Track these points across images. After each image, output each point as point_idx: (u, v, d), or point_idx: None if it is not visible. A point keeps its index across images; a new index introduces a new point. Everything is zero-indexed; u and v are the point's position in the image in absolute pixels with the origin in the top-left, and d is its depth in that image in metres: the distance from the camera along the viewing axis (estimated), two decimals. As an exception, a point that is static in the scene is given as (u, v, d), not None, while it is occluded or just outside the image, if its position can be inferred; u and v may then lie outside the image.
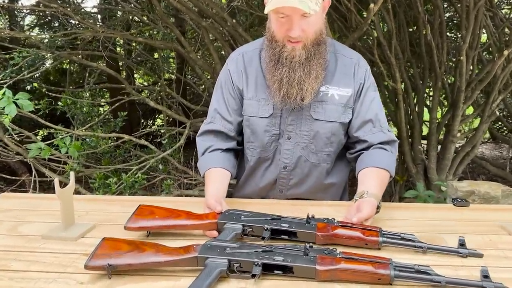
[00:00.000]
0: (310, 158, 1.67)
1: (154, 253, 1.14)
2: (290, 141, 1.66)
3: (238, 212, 1.37)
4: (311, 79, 1.52)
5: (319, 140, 1.65)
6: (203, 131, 1.75)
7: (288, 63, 1.51)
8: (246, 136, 1.73)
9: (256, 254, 1.12)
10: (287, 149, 1.67)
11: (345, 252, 1.15)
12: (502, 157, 6.94)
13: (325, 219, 1.35)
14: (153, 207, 1.39)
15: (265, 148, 1.68)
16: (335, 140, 1.67)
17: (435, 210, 1.65)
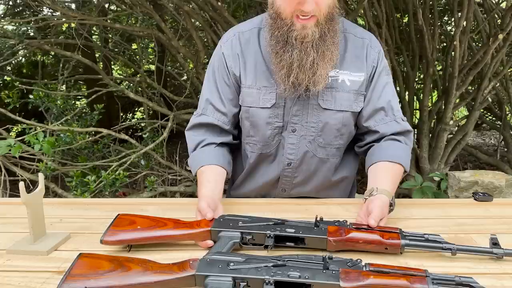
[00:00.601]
0: (317, 153, 1.49)
1: (141, 271, 0.95)
2: (295, 134, 1.46)
3: (235, 217, 1.19)
4: (325, 62, 1.33)
5: (328, 133, 1.46)
6: (194, 124, 1.54)
7: (298, 44, 1.31)
8: (245, 130, 1.53)
9: (266, 270, 0.94)
10: (291, 144, 1.47)
11: (373, 264, 0.98)
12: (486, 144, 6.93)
13: (336, 221, 1.18)
14: (134, 216, 1.20)
15: (267, 142, 1.48)
16: (346, 131, 1.48)
17: (456, 206, 1.49)
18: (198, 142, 1.51)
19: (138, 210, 1.45)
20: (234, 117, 1.52)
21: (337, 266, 0.96)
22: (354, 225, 1.16)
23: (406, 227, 1.26)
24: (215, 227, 1.15)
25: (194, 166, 1.49)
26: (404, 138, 1.48)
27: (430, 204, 1.50)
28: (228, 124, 1.52)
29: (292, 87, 1.37)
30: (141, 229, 1.14)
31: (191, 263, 0.97)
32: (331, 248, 1.13)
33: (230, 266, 0.96)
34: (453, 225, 1.33)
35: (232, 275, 0.94)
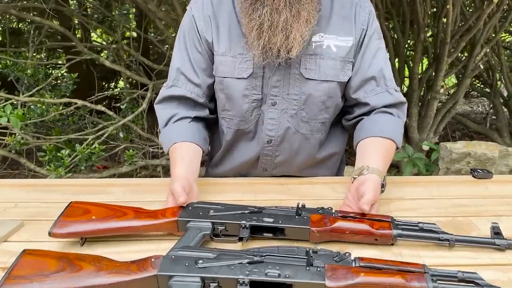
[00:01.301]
0: (300, 129, 1.34)
1: (94, 272, 0.82)
2: (275, 108, 1.31)
3: (206, 205, 1.05)
4: (300, 23, 1.16)
5: (311, 106, 1.31)
6: (164, 97, 1.38)
7: (270, 2, 1.15)
8: (220, 103, 1.37)
9: (240, 268, 0.82)
10: (271, 119, 1.32)
11: (363, 258, 0.86)
12: (474, 111, 6.84)
13: (320, 208, 1.05)
14: (89, 204, 1.05)
15: (244, 118, 1.34)
16: (332, 104, 1.33)
17: (453, 184, 1.36)
18: (169, 117, 1.35)
19: (103, 193, 1.32)
20: (209, 88, 1.36)
21: (323, 262, 0.84)
22: (340, 212, 1.04)
23: (398, 210, 1.15)
24: (182, 217, 1.01)
25: (166, 143, 1.33)
26: (397, 111, 1.33)
27: (424, 182, 1.38)
28: (202, 97, 1.36)
29: (262, 53, 1.20)
30: (96, 219, 1.00)
31: (153, 261, 0.83)
32: (314, 239, 1.00)
33: (199, 264, 0.83)
34: (450, 207, 1.21)
35: (201, 274, 0.81)
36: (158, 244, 1.03)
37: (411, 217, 1.13)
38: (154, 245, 1.03)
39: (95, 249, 1.01)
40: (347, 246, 1.01)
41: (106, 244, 1.03)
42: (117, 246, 1.02)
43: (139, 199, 1.27)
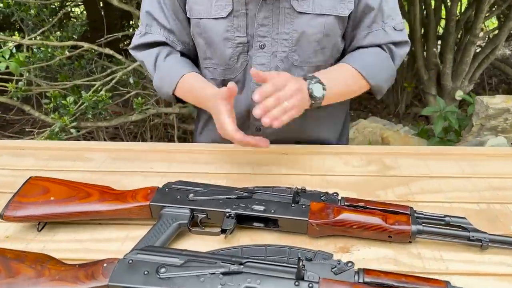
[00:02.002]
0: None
1: (33, 278, 0.67)
2: (264, 51, 1.10)
3: (186, 186, 0.88)
4: None
5: (305, 46, 1.09)
6: (137, 45, 1.20)
7: None
8: (201, 51, 1.17)
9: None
10: (261, 65, 1.11)
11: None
12: (514, 55, 6.33)
13: (323, 194, 0.86)
14: (49, 181, 0.89)
15: (229, 66, 1.14)
16: (329, 44, 1.11)
17: (490, 159, 1.13)
18: (155, 56, 1.17)
19: (81, 158, 1.16)
20: (185, 35, 1.17)
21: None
22: (348, 200, 0.84)
23: (420, 192, 0.97)
24: (156, 201, 0.84)
25: (167, 84, 1.15)
26: (393, 48, 1.14)
27: (456, 154, 1.16)
28: (179, 44, 1.18)
29: None
30: (55, 201, 0.84)
31: (105, 266, 0.68)
32: (314, 233, 0.82)
33: (160, 273, 0.66)
34: (486, 189, 1.00)
35: (161, 287, 0.65)
36: (128, 231, 0.87)
37: (436, 202, 0.94)
38: (124, 232, 0.87)
39: (55, 235, 0.86)
40: (353, 242, 0.82)
41: (68, 229, 0.88)
42: (80, 232, 0.87)
43: (119, 168, 1.11)
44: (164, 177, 1.05)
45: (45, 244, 0.84)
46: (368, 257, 0.79)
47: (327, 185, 1.02)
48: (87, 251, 0.82)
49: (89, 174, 1.09)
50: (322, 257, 0.72)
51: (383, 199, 0.96)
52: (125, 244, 0.83)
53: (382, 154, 1.15)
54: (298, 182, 1.02)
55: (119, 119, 3.08)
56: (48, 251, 0.81)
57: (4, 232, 0.87)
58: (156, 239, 0.79)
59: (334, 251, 0.80)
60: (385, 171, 1.07)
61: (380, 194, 0.98)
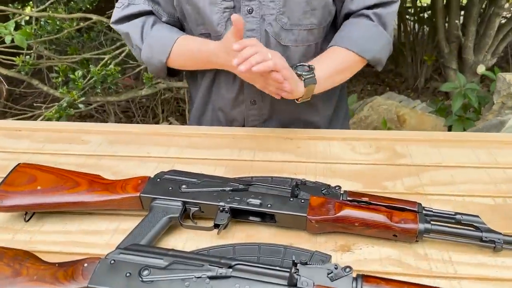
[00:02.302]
0: (282, 39, 1.06)
1: (10, 278, 0.63)
2: (252, 16, 1.04)
3: (179, 177, 0.83)
4: None
5: (294, 7, 1.03)
6: (120, 18, 1.13)
7: None
8: (191, 19, 1.10)
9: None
10: (251, 30, 1.05)
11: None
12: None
13: (325, 187, 0.80)
14: (37, 169, 0.85)
15: (218, 33, 1.07)
16: (318, 4, 1.04)
17: (508, 146, 1.05)
18: (141, 25, 1.11)
19: (77, 141, 1.13)
20: (170, 6, 1.11)
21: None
22: (351, 195, 0.78)
23: (431, 184, 0.91)
24: (146, 193, 0.80)
25: (159, 51, 1.09)
26: (380, 13, 1.07)
27: (471, 141, 1.08)
28: (164, 15, 1.12)
29: None
30: (42, 190, 0.80)
31: (85, 267, 0.63)
32: (313, 230, 0.77)
33: (143, 276, 0.62)
34: (503, 181, 0.92)
35: (145, 292, 0.61)
36: (118, 223, 0.83)
37: (447, 195, 0.88)
38: (114, 223, 0.83)
39: (42, 226, 0.82)
40: (355, 240, 0.77)
41: (57, 219, 0.84)
42: (69, 222, 0.83)
43: (115, 153, 1.07)
44: (160, 163, 1.01)
45: (31, 236, 0.80)
46: (371, 257, 0.73)
47: (331, 174, 0.96)
48: (74, 244, 0.78)
49: (84, 158, 1.05)
50: (319, 258, 0.67)
51: (390, 191, 0.90)
52: (114, 237, 0.79)
53: (393, 140, 1.08)
54: (301, 170, 0.97)
55: (128, 93, 3.04)
56: (35, 243, 0.78)
57: (-9, 222, 0.84)
58: (145, 234, 0.74)
59: (334, 249, 0.75)
60: (394, 159, 1.01)
61: (388, 186, 0.91)
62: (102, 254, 0.75)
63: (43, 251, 0.76)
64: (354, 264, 0.72)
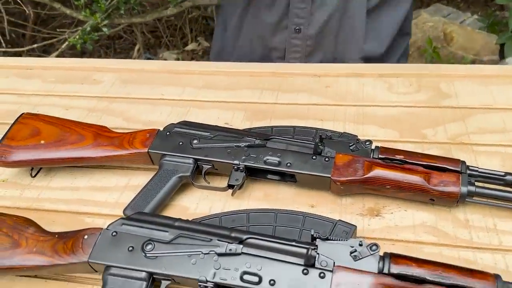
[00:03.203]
0: None
1: (9, 249, 0.59)
2: None
3: (190, 129, 0.74)
4: None
5: None
6: None
7: None
8: None
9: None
10: None
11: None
12: None
13: (353, 142, 0.70)
14: (40, 120, 0.79)
15: None
16: None
17: None
18: None
19: (89, 80, 1.06)
20: None
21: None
22: (383, 152, 0.68)
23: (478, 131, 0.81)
24: (155, 148, 0.73)
25: None
26: None
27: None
28: None
29: None
30: (45, 145, 0.75)
31: (86, 238, 0.59)
32: (337, 191, 0.69)
33: (146, 251, 0.56)
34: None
35: (147, 269, 0.56)
36: (129, 178, 0.77)
37: (496, 146, 0.77)
38: (124, 178, 0.77)
39: (50, 181, 0.78)
40: (385, 202, 0.68)
41: (65, 174, 0.79)
42: (78, 177, 0.78)
43: (127, 94, 0.99)
44: (174, 107, 0.93)
45: (39, 192, 0.76)
46: (402, 223, 0.65)
47: (363, 119, 0.85)
48: (82, 203, 0.74)
49: (96, 102, 0.98)
50: (342, 229, 0.60)
51: (430, 140, 0.79)
52: (124, 195, 0.74)
53: (437, 77, 0.94)
54: (329, 114, 0.87)
55: (153, 14, 2.88)
56: (42, 201, 0.75)
57: (0, 176, 0.80)
58: (154, 195, 0.69)
59: (361, 213, 0.67)
60: (437, 101, 0.88)
61: (428, 134, 0.80)
62: (111, 214, 0.71)
63: (50, 210, 0.73)
64: (383, 231, 0.64)
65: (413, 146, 0.77)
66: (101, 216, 0.71)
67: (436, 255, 0.60)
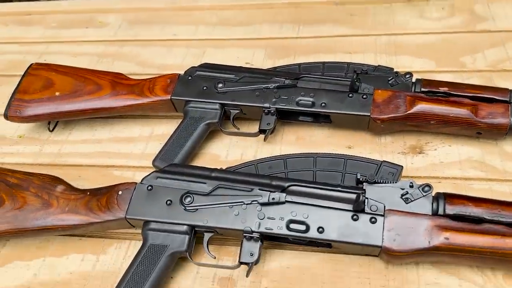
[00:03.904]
0: None
1: (41, 209, 0.56)
2: None
3: (213, 72, 0.69)
4: None
5: None
6: None
7: None
8: None
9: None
10: None
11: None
12: None
13: (392, 75, 0.65)
14: (52, 70, 0.73)
15: None
16: None
17: None
18: None
19: (93, 23, 1.00)
20: None
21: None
22: (426, 85, 0.63)
23: None
24: (178, 95, 0.68)
25: None
26: None
27: None
28: None
29: None
30: (62, 97, 0.70)
31: (120, 194, 0.56)
32: (377, 130, 0.65)
33: (186, 204, 0.54)
34: None
35: (188, 222, 0.53)
36: (152, 128, 0.74)
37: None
38: (147, 128, 0.74)
39: (70, 134, 0.75)
40: (428, 138, 0.65)
41: (84, 125, 0.76)
42: (98, 129, 0.75)
43: (136, 36, 0.93)
44: (189, 48, 0.87)
45: (60, 147, 0.73)
46: (447, 159, 0.62)
47: (396, 49, 0.79)
48: (106, 155, 0.70)
49: (104, 46, 0.92)
50: (388, 171, 0.56)
51: (470, 69, 0.74)
52: (150, 146, 0.70)
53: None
54: (357, 46, 0.81)
55: None
56: (64, 156, 0.71)
57: (16, 131, 0.77)
58: (182, 146, 0.65)
59: (402, 151, 0.64)
60: (473, 25, 0.82)
61: (466, 62, 0.75)
62: (139, 165, 0.68)
63: (75, 165, 0.70)
64: (427, 169, 0.61)
65: (452, 76, 0.72)
66: (129, 168, 0.68)
67: (486, 191, 0.58)
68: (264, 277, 0.54)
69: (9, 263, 0.59)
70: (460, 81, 0.67)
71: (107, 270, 0.57)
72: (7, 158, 0.72)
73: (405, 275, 0.52)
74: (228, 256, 0.56)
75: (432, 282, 0.51)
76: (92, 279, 0.56)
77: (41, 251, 0.60)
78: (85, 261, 0.58)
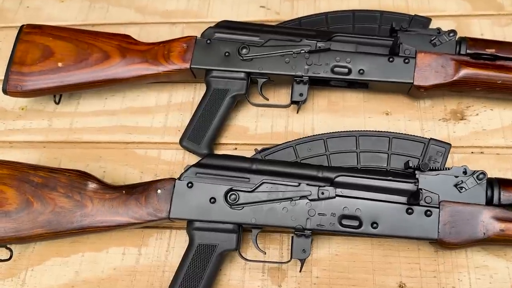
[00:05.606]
0: None
1: (77, 212, 0.53)
2: None
3: (233, 35, 0.61)
4: None
5: None
6: None
7: None
8: None
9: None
10: None
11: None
12: None
13: (434, 34, 0.59)
14: (47, 34, 0.64)
15: None
16: None
17: None
18: None
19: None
20: None
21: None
22: (472, 45, 0.58)
23: None
24: (197, 64, 0.61)
25: None
26: None
27: None
28: None
29: None
30: (66, 68, 0.63)
31: (159, 193, 0.53)
32: (417, 95, 0.61)
33: (230, 202, 0.51)
34: None
35: (235, 220, 0.51)
36: (169, 95, 0.68)
37: None
38: (164, 96, 0.68)
39: (78, 106, 0.68)
40: (468, 102, 0.62)
41: (92, 94, 0.69)
42: (108, 98, 0.68)
43: None
44: None
45: (71, 121, 0.67)
46: (490, 126, 0.60)
47: None
48: (124, 130, 0.65)
49: (93, -13, 0.80)
50: (436, 150, 0.54)
51: (509, 12, 0.68)
52: (170, 117, 0.66)
53: None
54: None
55: None
56: (78, 132, 0.66)
57: (16, 102, 0.70)
58: (210, 122, 0.60)
59: (443, 117, 0.61)
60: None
61: (504, 4, 0.69)
62: (163, 142, 0.64)
63: (91, 142, 0.65)
64: (470, 139, 0.59)
65: (489, 22, 0.67)
66: (152, 145, 0.64)
67: (530, 161, 0.57)
68: (314, 266, 0.54)
69: (47, 260, 0.58)
70: (497, 28, 0.62)
71: (152, 264, 0.56)
72: (13, 136, 0.67)
73: (454, 259, 0.53)
74: (274, 244, 0.56)
75: (481, 265, 0.52)
76: (139, 275, 0.56)
77: (78, 245, 0.58)
78: (127, 255, 0.57)
